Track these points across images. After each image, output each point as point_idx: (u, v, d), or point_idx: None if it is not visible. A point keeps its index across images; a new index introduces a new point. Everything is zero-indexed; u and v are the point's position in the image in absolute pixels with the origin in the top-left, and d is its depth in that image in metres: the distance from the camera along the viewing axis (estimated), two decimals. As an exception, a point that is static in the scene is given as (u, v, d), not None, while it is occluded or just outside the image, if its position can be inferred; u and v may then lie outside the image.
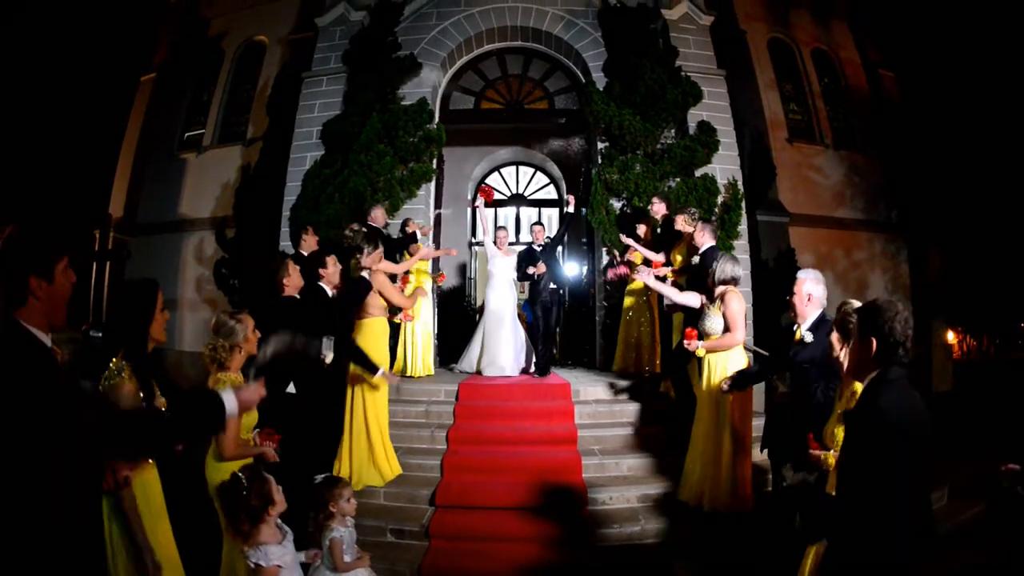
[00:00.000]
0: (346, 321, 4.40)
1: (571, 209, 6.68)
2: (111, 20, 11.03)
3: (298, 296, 3.93)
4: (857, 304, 2.55)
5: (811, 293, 3.25)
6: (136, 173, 10.91)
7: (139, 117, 11.23)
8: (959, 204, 9.56)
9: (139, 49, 11.48)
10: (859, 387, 2.49)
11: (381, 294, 4.59)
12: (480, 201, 7.02)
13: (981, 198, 9.44)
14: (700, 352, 4.12)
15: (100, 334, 8.37)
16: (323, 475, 2.88)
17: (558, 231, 6.86)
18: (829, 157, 10.13)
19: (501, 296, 6.53)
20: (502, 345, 6.36)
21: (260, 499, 2.50)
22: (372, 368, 4.22)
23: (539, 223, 7.12)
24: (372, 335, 4.54)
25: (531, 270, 6.39)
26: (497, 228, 7.05)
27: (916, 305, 9.50)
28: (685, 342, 4.14)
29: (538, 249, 6.54)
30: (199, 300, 9.54)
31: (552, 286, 6.45)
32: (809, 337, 3.19)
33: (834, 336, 2.64)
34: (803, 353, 3.19)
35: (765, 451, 3.82)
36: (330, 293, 4.34)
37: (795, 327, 3.38)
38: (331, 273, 4.34)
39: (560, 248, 7.37)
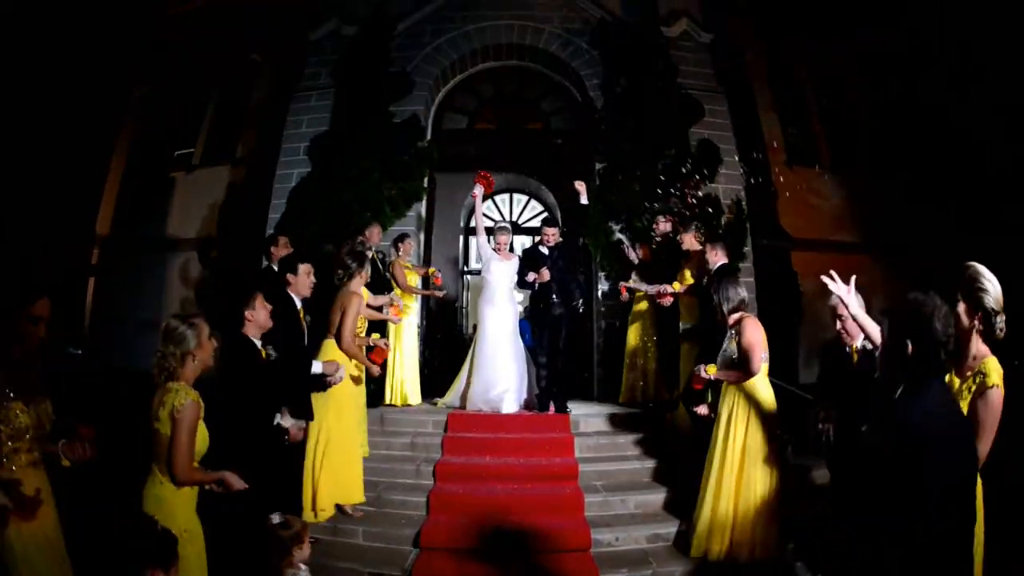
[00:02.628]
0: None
1: (584, 200, 5.63)
2: (106, 32, 10.88)
3: (257, 343, 3.26)
4: (977, 266, 2.39)
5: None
6: (124, 190, 10.64)
7: (129, 133, 11.01)
8: (961, 225, 9.40)
9: (132, 63, 11.31)
10: (989, 364, 2.29)
11: (341, 317, 4.09)
12: (479, 190, 5.73)
13: (984, 218, 9.29)
14: (711, 370, 3.85)
15: (79, 351, 8.00)
16: (279, 515, 2.55)
17: (571, 231, 5.82)
18: (829, 180, 9.98)
19: (499, 312, 5.51)
20: (500, 374, 5.41)
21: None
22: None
23: (552, 223, 5.78)
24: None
25: (531, 276, 5.34)
26: (498, 228, 5.76)
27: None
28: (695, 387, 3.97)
29: (545, 252, 5.45)
30: (183, 323, 9.18)
31: (556, 299, 5.36)
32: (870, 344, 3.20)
33: (961, 307, 2.37)
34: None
35: None
36: (298, 304, 3.99)
37: (848, 348, 3.35)
38: (299, 283, 3.95)
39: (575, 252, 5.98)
